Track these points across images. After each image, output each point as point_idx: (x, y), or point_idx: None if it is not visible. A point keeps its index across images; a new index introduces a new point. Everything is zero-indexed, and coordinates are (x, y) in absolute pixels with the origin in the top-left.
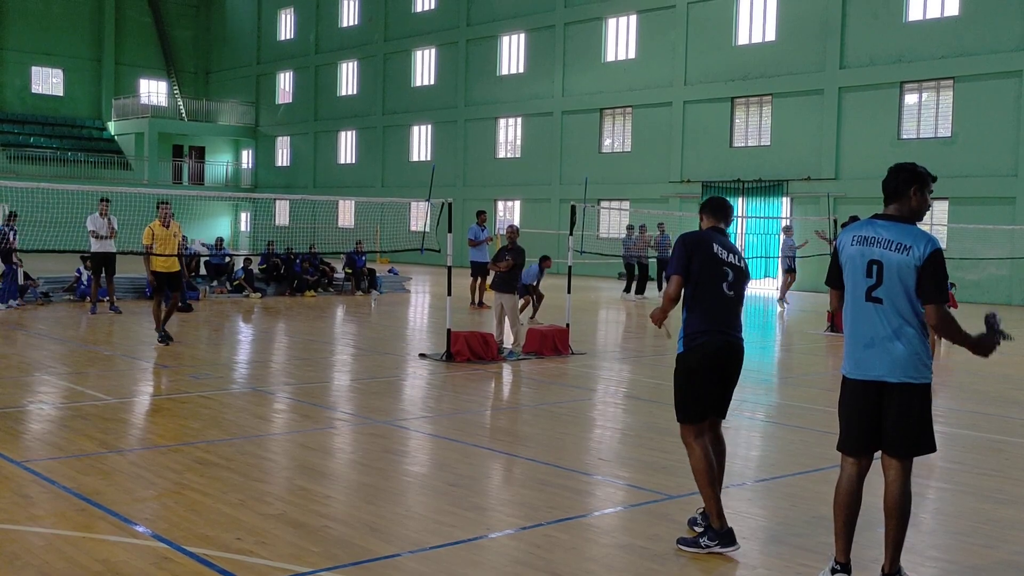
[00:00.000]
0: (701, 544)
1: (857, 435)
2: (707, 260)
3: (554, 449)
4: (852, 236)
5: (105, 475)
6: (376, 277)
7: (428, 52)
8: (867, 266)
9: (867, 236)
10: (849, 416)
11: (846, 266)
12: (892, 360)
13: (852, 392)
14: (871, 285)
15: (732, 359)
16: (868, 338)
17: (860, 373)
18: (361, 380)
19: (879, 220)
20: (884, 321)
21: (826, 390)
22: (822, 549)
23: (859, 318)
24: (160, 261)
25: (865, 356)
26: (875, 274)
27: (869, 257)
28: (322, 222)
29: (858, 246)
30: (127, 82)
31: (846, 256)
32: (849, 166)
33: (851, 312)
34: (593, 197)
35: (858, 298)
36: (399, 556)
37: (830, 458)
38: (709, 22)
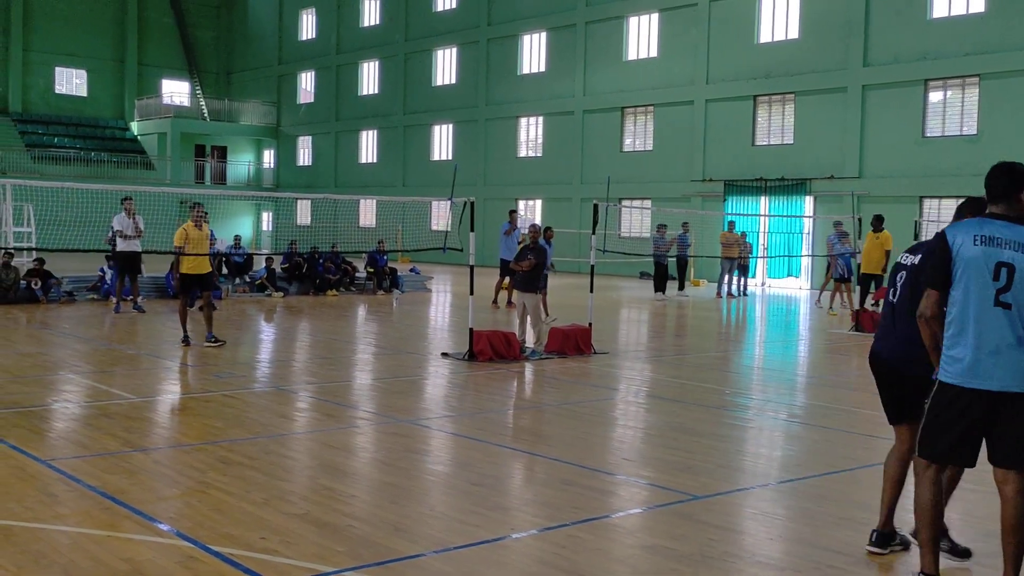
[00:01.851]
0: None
1: (955, 445)
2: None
3: (577, 449)
4: (973, 236)
5: (130, 474)
6: (398, 276)
7: (449, 51)
8: (995, 268)
9: (992, 236)
10: (950, 424)
11: (967, 267)
12: (1017, 369)
13: (962, 400)
14: (1000, 288)
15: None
16: (994, 345)
17: (978, 382)
18: (383, 379)
19: (996, 220)
20: (1011, 327)
21: (851, 390)
22: (848, 550)
23: (986, 323)
24: (190, 262)
25: (989, 364)
26: (1004, 277)
27: (997, 259)
28: (344, 221)
29: (983, 246)
30: (150, 82)
31: (966, 256)
32: (873, 164)
33: (974, 316)
34: (615, 196)
35: (984, 301)
36: (423, 556)
37: (856, 459)
38: (731, 20)
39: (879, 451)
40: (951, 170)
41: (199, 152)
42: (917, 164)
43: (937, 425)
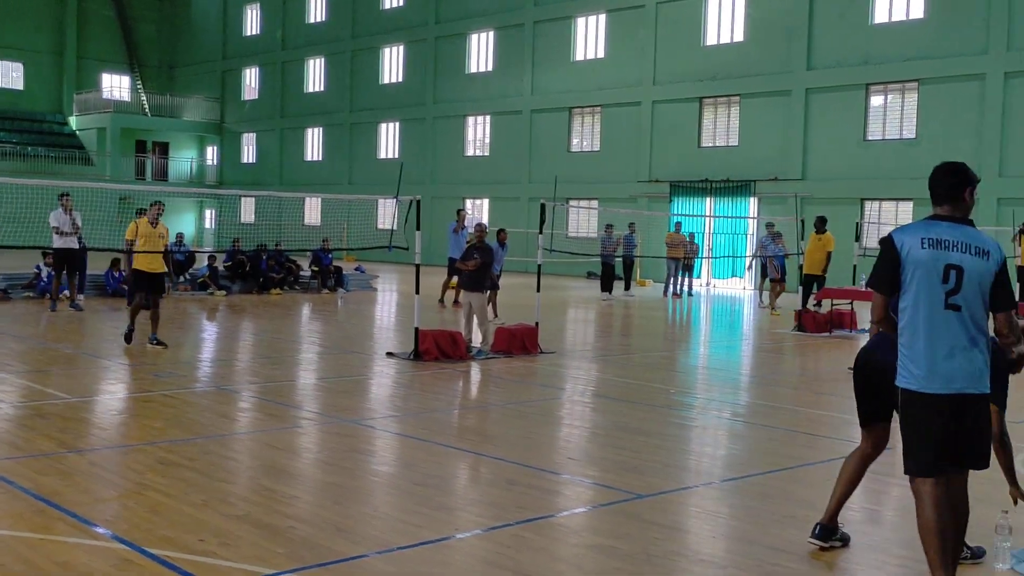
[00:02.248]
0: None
1: (938, 453)
2: None
3: (522, 448)
4: (920, 238)
5: (64, 475)
6: (343, 275)
7: (396, 49)
8: (944, 271)
9: (940, 239)
10: (928, 434)
11: (915, 270)
12: (973, 370)
13: (932, 407)
14: (949, 290)
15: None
16: (948, 348)
17: (941, 387)
18: (327, 379)
19: (942, 222)
20: (964, 330)
21: (792, 389)
22: (790, 548)
23: (937, 327)
24: (145, 260)
25: (947, 368)
26: (953, 280)
27: (946, 261)
28: (288, 219)
29: (931, 249)
30: (89, 76)
31: (915, 259)
32: (815, 167)
33: (925, 320)
34: (562, 196)
35: (935, 305)
36: (366, 557)
37: (798, 457)
38: (678, 22)
39: (821, 449)
40: (891, 173)
41: (140, 148)
42: (858, 167)
43: (913, 436)
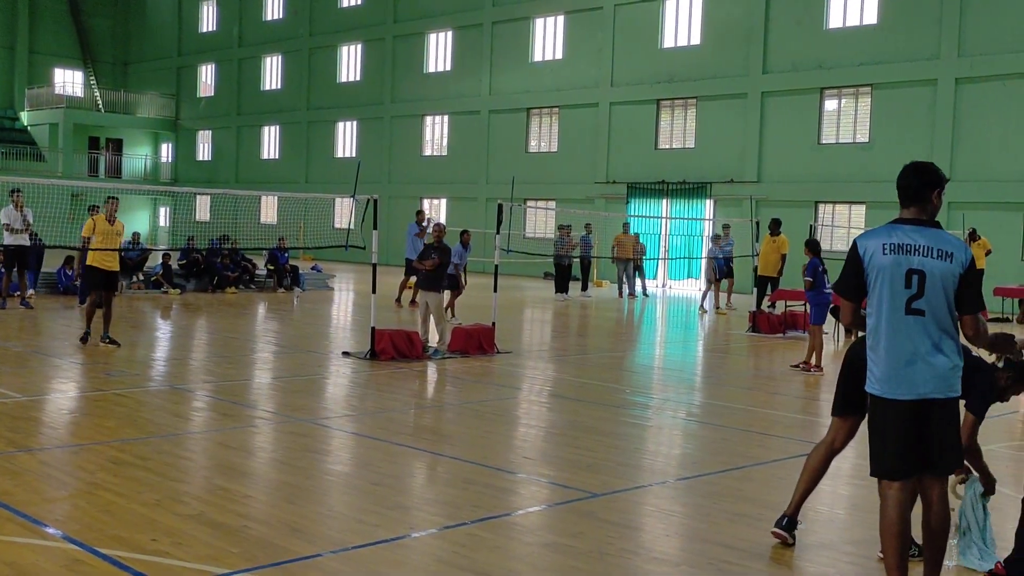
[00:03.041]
0: None
1: (903, 457)
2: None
3: (478, 448)
4: (882, 244)
5: (14, 475)
6: (299, 274)
7: (354, 48)
8: (906, 275)
9: (902, 243)
10: (891, 438)
11: (878, 277)
12: (937, 375)
13: (894, 413)
14: (911, 296)
15: None
16: (909, 354)
17: (903, 392)
18: (283, 378)
19: (905, 225)
20: (926, 334)
21: (746, 389)
22: (743, 546)
23: (898, 333)
24: (101, 257)
25: (907, 374)
26: (915, 284)
27: (908, 266)
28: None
29: (893, 254)
30: (41, 71)
31: (877, 266)
32: (770, 169)
33: (887, 327)
34: (519, 197)
35: (896, 311)
36: (320, 556)
37: (751, 456)
38: (636, 25)
39: (774, 449)
40: (845, 176)
41: (93, 144)
42: (813, 170)
43: (878, 440)
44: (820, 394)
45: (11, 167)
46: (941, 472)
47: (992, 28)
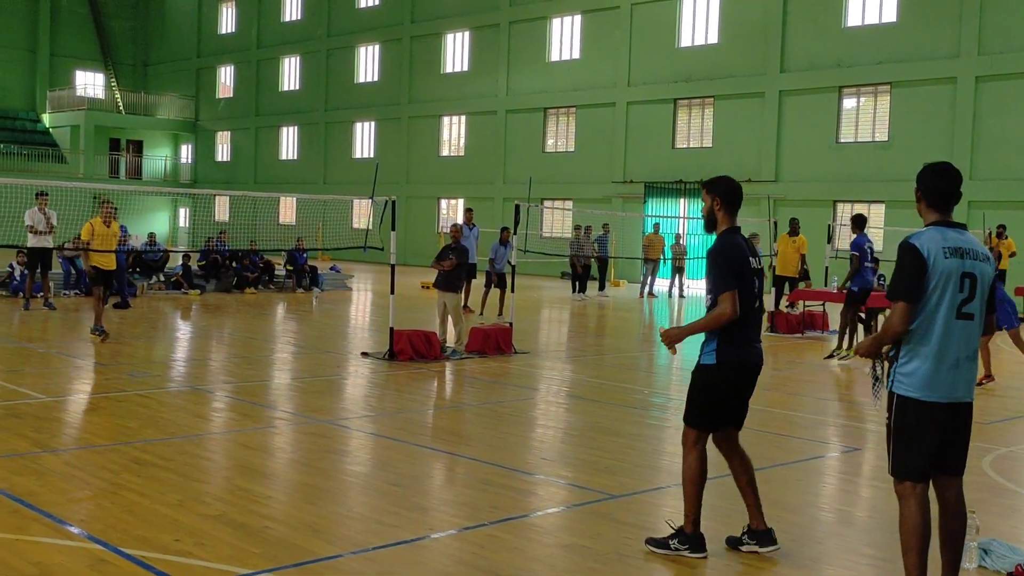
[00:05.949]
0: (670, 546)
1: (929, 459)
2: (746, 275)
3: (497, 449)
4: (941, 247)
5: (39, 475)
6: (318, 275)
7: (372, 48)
8: (961, 279)
9: (956, 247)
10: (925, 440)
11: (940, 280)
12: (971, 379)
13: (931, 415)
14: (963, 300)
15: (757, 368)
16: (955, 358)
17: (943, 395)
18: (302, 379)
19: (949, 229)
20: (972, 339)
21: (764, 390)
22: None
23: (949, 337)
24: (100, 258)
25: (950, 377)
26: (967, 288)
27: (962, 270)
28: (263, 219)
29: (953, 258)
30: (62, 74)
31: (940, 268)
32: (788, 169)
33: (940, 330)
34: (536, 196)
35: (950, 314)
36: (341, 557)
37: (768, 457)
38: (653, 24)
39: (791, 450)
40: (863, 175)
41: (114, 146)
42: (831, 169)
43: (906, 441)
44: (839, 395)
45: (33, 169)
46: (958, 472)
47: (1013, 26)
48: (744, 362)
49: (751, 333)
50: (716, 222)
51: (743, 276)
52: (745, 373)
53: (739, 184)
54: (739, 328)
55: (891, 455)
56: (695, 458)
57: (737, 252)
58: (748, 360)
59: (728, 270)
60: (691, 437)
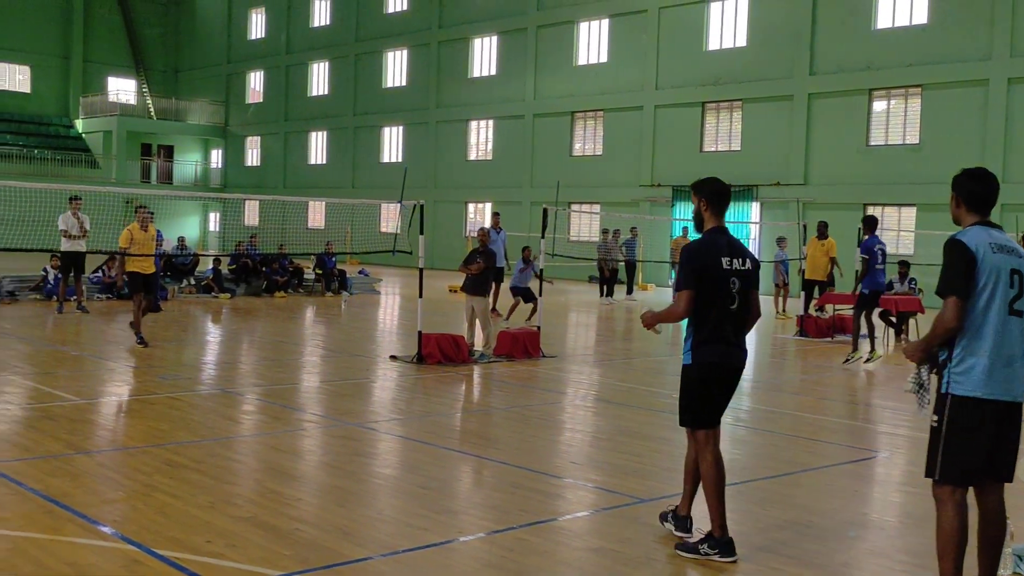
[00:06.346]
0: (700, 551)
1: (981, 463)
2: (717, 276)
3: (525, 452)
4: (988, 243)
5: (73, 477)
6: (346, 278)
7: (400, 53)
8: (1010, 275)
9: (1002, 244)
10: (980, 441)
11: (990, 276)
12: (1023, 378)
13: (989, 414)
14: (1014, 296)
15: (732, 369)
16: (1009, 355)
17: (1001, 393)
18: (331, 382)
19: (992, 228)
20: (1022, 335)
21: (794, 394)
22: (793, 553)
23: (1003, 334)
24: (138, 263)
25: (1007, 375)
26: (1017, 285)
27: (1011, 266)
28: (292, 223)
29: (1002, 254)
30: (95, 80)
31: (990, 265)
32: (817, 172)
33: (994, 327)
34: (564, 200)
35: (1002, 310)
36: (370, 559)
37: (799, 462)
38: (680, 27)
39: (822, 455)
40: (894, 178)
41: (145, 151)
42: (861, 172)
43: (959, 444)
44: (869, 399)
45: (66, 174)
46: (1006, 478)
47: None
48: (721, 362)
49: (726, 333)
50: (703, 222)
51: (711, 277)
52: (720, 372)
53: (726, 186)
54: (711, 328)
55: (938, 458)
56: (711, 459)
57: (708, 252)
58: (724, 361)
59: (689, 271)
60: (700, 439)
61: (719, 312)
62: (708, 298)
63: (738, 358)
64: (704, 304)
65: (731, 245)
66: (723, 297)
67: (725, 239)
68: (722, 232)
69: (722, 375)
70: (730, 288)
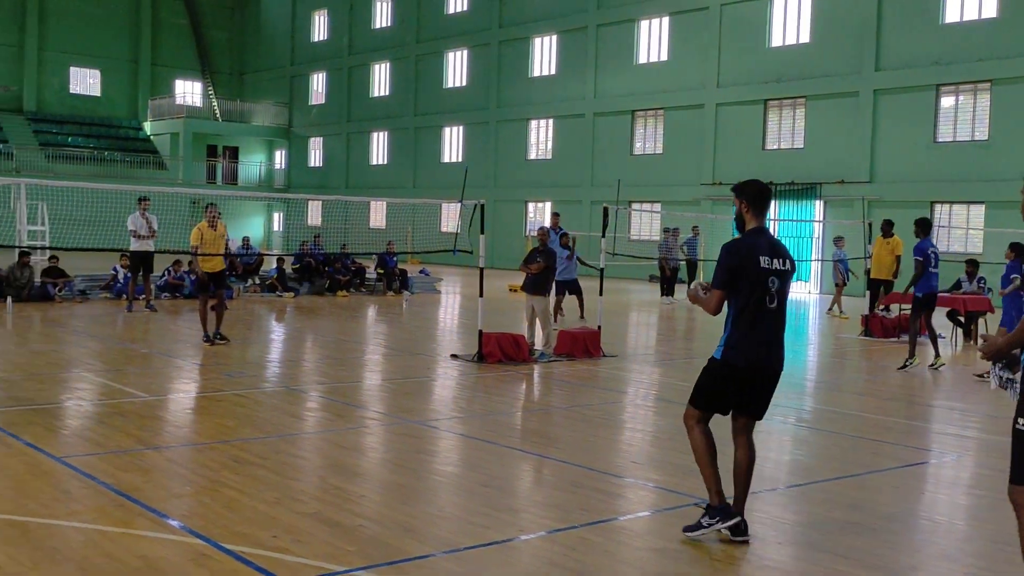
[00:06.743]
0: (703, 524)
1: None
2: (755, 274)
3: (585, 451)
4: None
5: (143, 472)
6: (407, 278)
7: (460, 53)
8: None
9: None
10: None
11: None
12: None
13: None
14: None
15: (768, 370)
16: None
17: None
18: (393, 380)
19: None
20: None
21: (858, 395)
22: (857, 556)
23: None
24: (208, 261)
25: None
26: None
27: None
28: (354, 223)
29: None
30: (163, 82)
31: None
32: (884, 169)
33: None
34: (625, 199)
35: None
36: (432, 556)
37: (864, 464)
38: (742, 24)
39: (887, 457)
40: (962, 175)
41: (211, 152)
42: (928, 169)
43: None
44: (936, 400)
45: (135, 175)
46: None
47: None
48: (750, 365)
49: (763, 334)
50: (744, 223)
51: (748, 275)
52: (749, 374)
53: (768, 188)
54: (747, 327)
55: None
56: (698, 435)
57: (745, 252)
58: (755, 363)
59: (724, 269)
60: (693, 416)
61: (757, 311)
62: (746, 297)
63: (774, 360)
64: (742, 303)
65: (771, 245)
66: (761, 296)
67: (765, 239)
68: (762, 232)
69: (747, 377)
70: (769, 287)
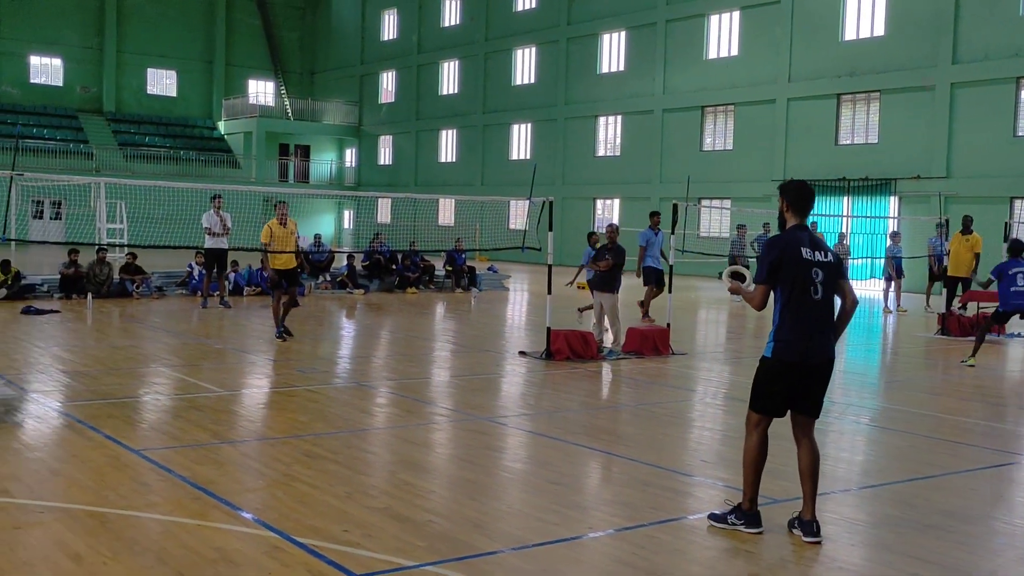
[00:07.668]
0: (728, 520)
1: None
2: (797, 265)
3: (654, 449)
4: None
5: (218, 465)
6: (476, 275)
7: (528, 51)
8: None
9: None
10: None
11: None
12: None
13: None
14: None
15: (818, 365)
16: None
17: None
18: (461, 376)
19: None
20: None
21: (934, 395)
22: (934, 559)
23: None
24: (279, 258)
25: None
26: None
27: None
28: (423, 220)
29: None
30: (236, 82)
31: None
32: (961, 164)
33: None
34: (694, 196)
35: None
36: (501, 553)
37: (940, 465)
38: (815, 17)
39: (965, 458)
40: None
41: (283, 151)
42: (1008, 164)
43: None
44: (1017, 401)
45: (209, 174)
46: None
47: None
48: (800, 358)
49: (809, 325)
50: (785, 222)
51: (791, 267)
52: (800, 368)
53: (810, 188)
54: (794, 320)
55: None
56: (754, 441)
57: (784, 245)
58: (804, 356)
59: (765, 264)
60: (752, 420)
61: (802, 302)
62: (790, 288)
63: (824, 350)
64: (786, 295)
65: (812, 239)
66: (805, 286)
67: (806, 234)
68: (803, 229)
69: (801, 372)
70: (813, 277)
